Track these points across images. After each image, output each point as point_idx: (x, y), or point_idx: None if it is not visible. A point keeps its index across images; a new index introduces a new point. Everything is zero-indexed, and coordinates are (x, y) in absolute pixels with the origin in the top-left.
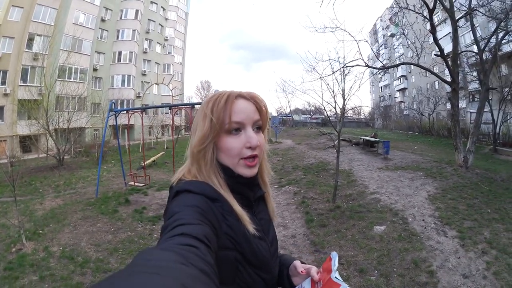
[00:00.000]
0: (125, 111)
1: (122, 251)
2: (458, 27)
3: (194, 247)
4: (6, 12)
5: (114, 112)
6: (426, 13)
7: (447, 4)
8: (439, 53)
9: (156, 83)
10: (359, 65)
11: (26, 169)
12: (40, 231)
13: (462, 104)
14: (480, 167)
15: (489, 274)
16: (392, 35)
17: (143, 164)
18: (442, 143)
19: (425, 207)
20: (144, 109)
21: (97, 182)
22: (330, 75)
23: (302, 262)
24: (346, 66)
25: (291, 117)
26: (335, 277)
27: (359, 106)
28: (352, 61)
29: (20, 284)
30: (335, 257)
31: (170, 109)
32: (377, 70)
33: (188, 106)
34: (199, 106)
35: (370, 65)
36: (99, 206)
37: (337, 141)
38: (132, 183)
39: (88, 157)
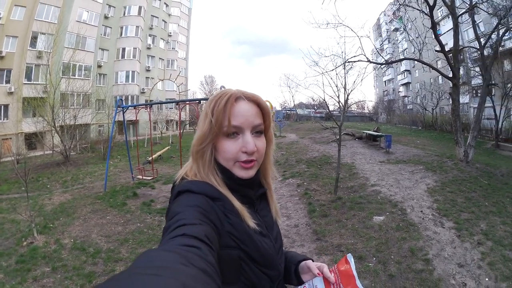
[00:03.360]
0: (132, 107)
1: (132, 241)
2: (460, 23)
3: (195, 248)
4: (9, 12)
5: (121, 108)
6: (427, 10)
7: (448, 0)
8: (440, 49)
9: (162, 79)
10: (361, 61)
11: (33, 166)
12: (51, 225)
13: (465, 99)
14: (481, 162)
15: (484, 264)
16: (396, 30)
17: (150, 159)
18: (444, 138)
19: (424, 199)
20: (151, 105)
21: (105, 176)
22: (332, 70)
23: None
24: (348, 62)
25: (295, 111)
26: (361, 286)
27: (362, 101)
28: (354, 56)
29: (33, 276)
30: (352, 259)
31: (176, 104)
32: (379, 65)
33: (194, 101)
34: (205, 101)
35: (372, 60)
36: (108, 199)
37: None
38: (140, 177)
39: (94, 152)
